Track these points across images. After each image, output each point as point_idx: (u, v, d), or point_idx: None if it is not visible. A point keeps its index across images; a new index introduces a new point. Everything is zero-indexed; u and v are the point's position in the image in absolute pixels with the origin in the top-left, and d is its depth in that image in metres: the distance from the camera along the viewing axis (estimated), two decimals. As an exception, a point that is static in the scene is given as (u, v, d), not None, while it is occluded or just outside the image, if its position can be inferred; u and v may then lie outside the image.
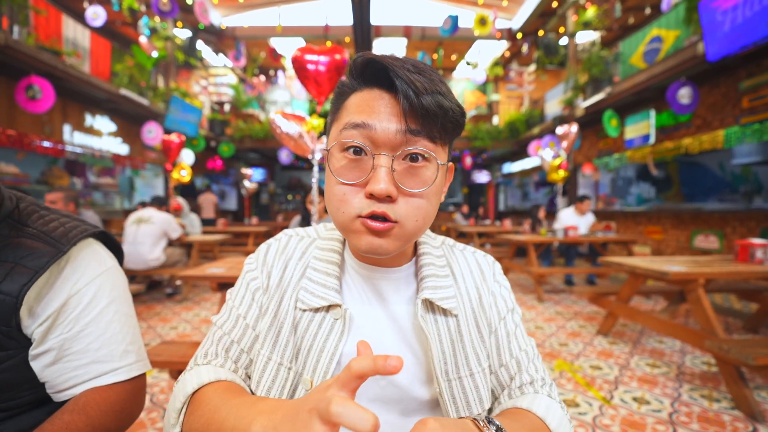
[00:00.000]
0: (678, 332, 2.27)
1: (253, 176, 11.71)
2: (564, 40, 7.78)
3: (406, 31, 8.62)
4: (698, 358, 2.57)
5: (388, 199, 0.44)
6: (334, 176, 0.46)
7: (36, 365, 0.57)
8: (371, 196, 0.44)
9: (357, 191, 0.45)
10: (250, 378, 0.53)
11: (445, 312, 0.54)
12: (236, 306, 0.56)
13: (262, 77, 10.21)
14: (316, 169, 2.15)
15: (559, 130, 5.23)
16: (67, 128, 5.85)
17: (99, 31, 6.39)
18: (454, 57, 10.58)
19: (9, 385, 0.56)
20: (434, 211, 0.49)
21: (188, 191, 9.27)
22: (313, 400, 0.31)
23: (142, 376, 0.65)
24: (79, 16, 6.27)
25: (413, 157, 0.45)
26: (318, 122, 2.05)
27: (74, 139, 5.96)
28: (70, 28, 5.64)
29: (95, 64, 6.07)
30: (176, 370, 1.72)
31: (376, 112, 0.44)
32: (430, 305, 0.53)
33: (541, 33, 7.97)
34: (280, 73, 10.01)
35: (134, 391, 0.63)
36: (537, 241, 4.34)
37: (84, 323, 0.59)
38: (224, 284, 1.96)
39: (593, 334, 3.08)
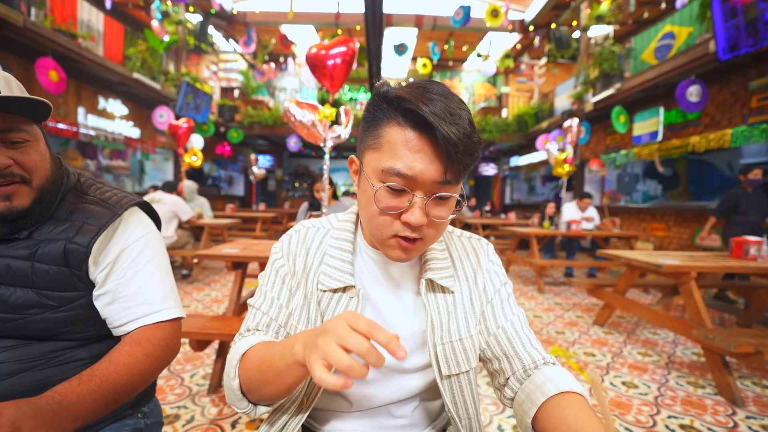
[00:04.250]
0: (669, 323, 2.36)
1: (259, 162, 11.82)
2: (576, 34, 7.73)
3: (418, 21, 8.58)
4: (689, 349, 2.66)
5: (419, 227, 0.54)
6: (377, 205, 0.54)
7: (98, 304, 0.71)
8: (407, 224, 0.53)
9: (395, 217, 0.54)
10: None
11: (443, 289, 0.64)
12: (269, 289, 0.65)
13: (272, 64, 10.24)
14: (327, 157, 2.24)
15: (566, 124, 5.26)
16: (81, 110, 5.96)
17: (112, 14, 6.46)
18: (465, 48, 10.52)
19: (80, 319, 0.71)
20: (448, 224, 0.59)
21: (198, 176, 9.39)
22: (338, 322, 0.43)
23: (179, 319, 0.78)
24: (94, -1, 6.33)
25: (442, 197, 0.54)
26: (330, 111, 2.13)
27: (88, 122, 6.08)
28: (85, 10, 5.71)
29: (108, 47, 6.15)
30: (195, 340, 1.85)
31: (418, 161, 0.50)
32: (431, 284, 0.64)
33: (553, 26, 7.90)
34: (290, 60, 10.03)
35: (174, 330, 0.76)
36: (539, 234, 4.42)
37: (134, 272, 0.73)
38: (238, 263, 2.08)
39: (590, 324, 3.18)
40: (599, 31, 7.45)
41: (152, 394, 0.87)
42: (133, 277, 0.72)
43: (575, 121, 5.21)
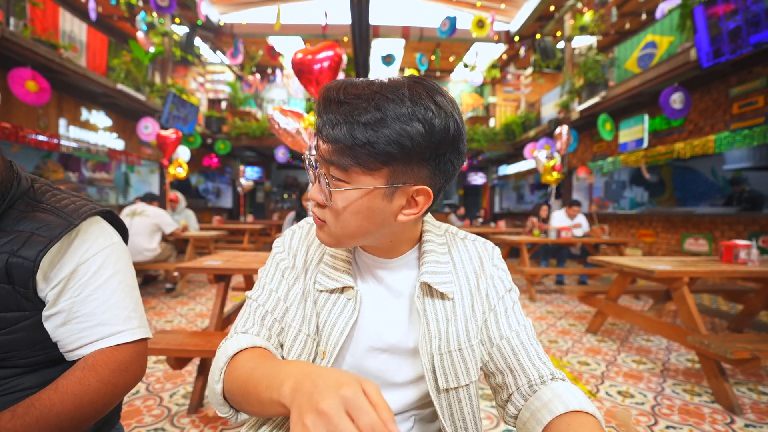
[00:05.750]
0: (663, 329, 2.33)
1: (247, 174, 11.71)
2: (561, 44, 7.87)
3: (405, 32, 8.67)
4: (683, 356, 2.63)
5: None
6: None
7: (48, 325, 0.63)
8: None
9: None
10: (282, 346, 0.62)
11: (442, 295, 0.60)
12: (268, 282, 0.63)
13: (258, 75, 10.21)
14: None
15: (557, 131, 5.31)
16: (62, 122, 5.82)
17: (96, 26, 6.38)
18: (452, 58, 10.65)
19: (25, 343, 0.63)
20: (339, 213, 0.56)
21: (184, 188, 9.24)
22: (343, 379, 0.37)
23: (144, 340, 0.71)
24: (77, 10, 6.25)
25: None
26: (315, 119, 2.09)
27: (70, 134, 5.94)
28: (67, 21, 5.63)
29: (92, 58, 6.05)
30: (173, 358, 1.75)
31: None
32: (428, 288, 0.59)
33: (538, 36, 8.05)
34: (277, 71, 10.01)
35: (137, 353, 0.68)
36: (529, 242, 4.40)
37: (91, 289, 0.65)
38: (221, 276, 1.99)
39: (582, 333, 3.14)
40: (583, 42, 7.61)
41: (116, 420, 0.79)
42: (90, 295, 0.65)
43: (565, 128, 5.26)
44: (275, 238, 6.24)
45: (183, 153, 6.25)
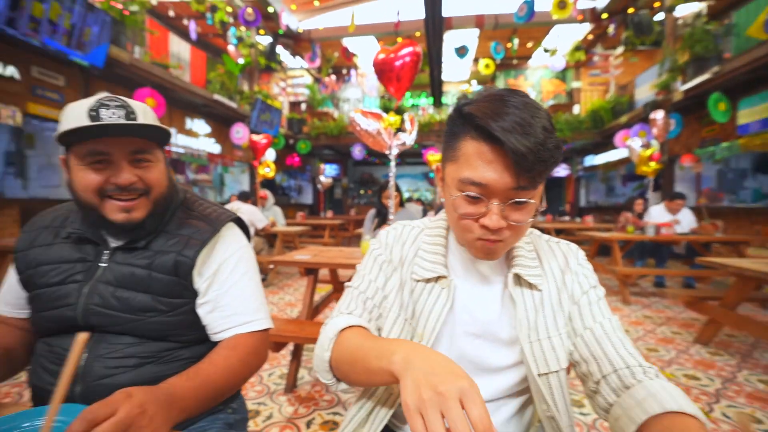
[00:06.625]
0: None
1: (326, 171, 12.34)
2: (659, 16, 6.96)
3: (479, 21, 8.37)
4: (828, 378, 2.21)
5: (498, 230, 0.56)
6: (457, 213, 0.59)
7: (200, 312, 0.78)
8: (485, 227, 0.57)
9: (474, 221, 0.58)
10: (380, 331, 0.69)
11: (531, 286, 0.65)
12: (367, 273, 0.71)
13: (334, 77, 10.65)
14: (393, 164, 2.25)
15: (651, 116, 4.74)
16: (172, 131, 6.71)
17: (196, 44, 7.20)
18: (530, 44, 10.05)
19: (185, 324, 0.77)
20: (529, 226, 0.61)
21: (270, 186, 10.05)
22: (455, 371, 0.43)
23: (267, 330, 0.84)
24: (181, 32, 7.12)
25: (518, 202, 0.56)
26: (395, 119, 2.14)
27: (177, 141, 6.82)
28: (174, 43, 6.45)
29: (194, 73, 6.87)
30: (272, 342, 1.94)
31: (491, 171, 0.53)
32: (518, 279, 0.65)
33: (631, 10, 7.20)
34: (352, 71, 10.36)
35: (263, 339, 0.82)
36: (622, 239, 4.01)
37: (230, 284, 0.79)
38: (310, 269, 2.15)
39: (689, 342, 2.79)
40: (688, 10, 6.63)
41: (239, 392, 0.92)
42: (229, 290, 0.78)
43: (661, 113, 4.68)
44: (354, 234, 6.57)
45: (269, 154, 6.80)
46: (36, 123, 4.64)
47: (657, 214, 4.56)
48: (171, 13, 7.43)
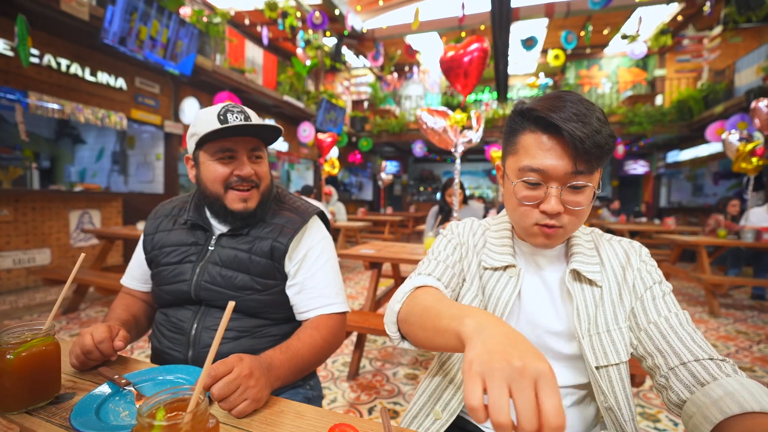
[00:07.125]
0: None
1: (386, 168, 12.53)
2: (769, -10, 6.05)
3: (549, 10, 7.92)
4: None
5: (557, 214, 0.60)
6: (516, 198, 0.62)
7: (290, 293, 0.89)
8: (544, 212, 0.60)
9: (534, 207, 0.61)
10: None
11: (590, 282, 0.66)
12: (442, 250, 0.74)
13: (396, 74, 10.74)
14: (458, 162, 2.26)
15: (753, 105, 4.17)
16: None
17: (268, 49, 7.70)
18: (606, 31, 9.28)
19: (275, 303, 0.89)
20: (588, 213, 0.63)
21: (332, 183, 10.47)
22: (528, 350, 0.37)
23: (345, 314, 0.93)
24: (255, 38, 7.65)
25: (576, 186, 0.59)
26: (461, 117, 2.14)
27: (251, 140, 7.34)
28: (249, 49, 6.95)
29: (266, 76, 7.35)
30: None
31: (549, 158, 0.58)
32: (577, 275, 0.67)
33: (732, -15, 6.35)
34: (414, 68, 10.38)
35: (342, 321, 0.91)
36: (711, 243, 3.61)
37: (316, 269, 0.89)
38: (374, 263, 2.25)
39: (796, 364, 2.46)
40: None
41: (315, 372, 1.03)
42: (314, 274, 0.89)
43: (766, 101, 4.10)
44: (414, 230, 6.58)
45: (333, 152, 7.08)
46: (136, 126, 5.32)
47: (758, 217, 4.03)
48: (246, 21, 8.00)
